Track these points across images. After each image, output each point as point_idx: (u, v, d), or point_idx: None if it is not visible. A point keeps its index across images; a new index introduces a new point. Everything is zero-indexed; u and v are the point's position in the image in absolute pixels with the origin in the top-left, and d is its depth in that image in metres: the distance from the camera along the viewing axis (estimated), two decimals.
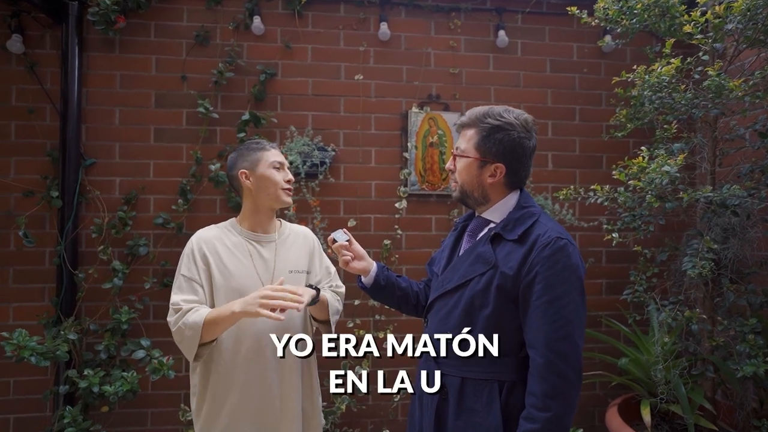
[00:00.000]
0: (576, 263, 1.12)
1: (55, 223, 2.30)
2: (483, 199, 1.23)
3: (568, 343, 1.07)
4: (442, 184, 2.54)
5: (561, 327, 1.07)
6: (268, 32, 2.47)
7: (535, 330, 1.09)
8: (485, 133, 1.18)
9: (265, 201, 1.42)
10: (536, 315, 1.09)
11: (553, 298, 1.08)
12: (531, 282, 1.10)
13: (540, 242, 1.12)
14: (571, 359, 1.07)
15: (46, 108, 2.33)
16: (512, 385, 1.13)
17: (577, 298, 1.09)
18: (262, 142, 1.46)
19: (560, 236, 1.12)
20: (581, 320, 1.10)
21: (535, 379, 1.07)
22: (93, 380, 2.05)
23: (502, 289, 1.13)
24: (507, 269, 1.13)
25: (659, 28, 2.02)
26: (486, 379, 1.14)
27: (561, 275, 1.09)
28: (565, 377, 1.06)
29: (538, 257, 1.10)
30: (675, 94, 1.74)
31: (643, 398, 2.11)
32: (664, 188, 1.70)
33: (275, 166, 1.42)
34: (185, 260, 1.40)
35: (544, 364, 1.06)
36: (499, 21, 2.59)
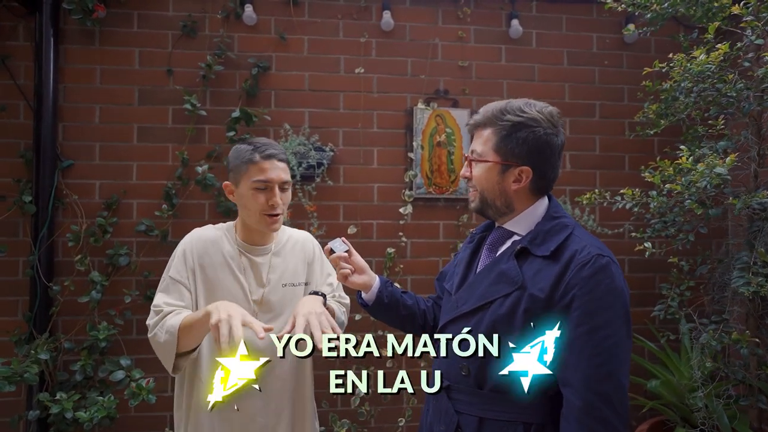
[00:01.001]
0: (620, 287, 0.94)
1: (28, 230, 2.11)
2: (506, 208, 1.05)
3: (611, 382, 0.89)
4: (451, 187, 2.33)
5: (603, 363, 0.89)
6: (261, 22, 2.27)
7: (572, 366, 0.91)
8: (505, 132, 1.01)
9: (249, 222, 1.26)
10: (573, 348, 0.91)
11: (593, 328, 0.90)
12: (566, 307, 0.92)
13: (577, 260, 0.94)
14: (616, 402, 0.89)
15: (20, 105, 2.14)
16: (540, 428, 0.96)
17: (621, 328, 0.91)
18: (255, 148, 1.21)
19: (601, 253, 0.95)
20: (626, 354, 0.93)
21: (572, 425, 0.89)
22: (66, 405, 1.85)
23: (531, 313, 0.94)
24: (537, 291, 0.95)
25: (694, 14, 1.82)
26: (509, 420, 0.96)
27: (603, 300, 0.91)
28: (608, 423, 0.88)
29: (575, 278, 0.92)
30: (720, 84, 1.52)
31: (676, 425, 1.90)
32: (708, 193, 1.48)
33: (257, 186, 1.19)
34: (176, 261, 1.24)
35: (582, 408, 0.88)
36: (512, 9, 2.38)
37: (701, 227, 1.68)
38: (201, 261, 1.23)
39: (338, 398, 2.24)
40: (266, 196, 1.20)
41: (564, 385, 0.92)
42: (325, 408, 2.20)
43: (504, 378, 0.95)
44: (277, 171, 1.21)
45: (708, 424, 1.68)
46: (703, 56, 1.53)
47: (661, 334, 2.08)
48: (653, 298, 2.19)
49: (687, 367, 1.95)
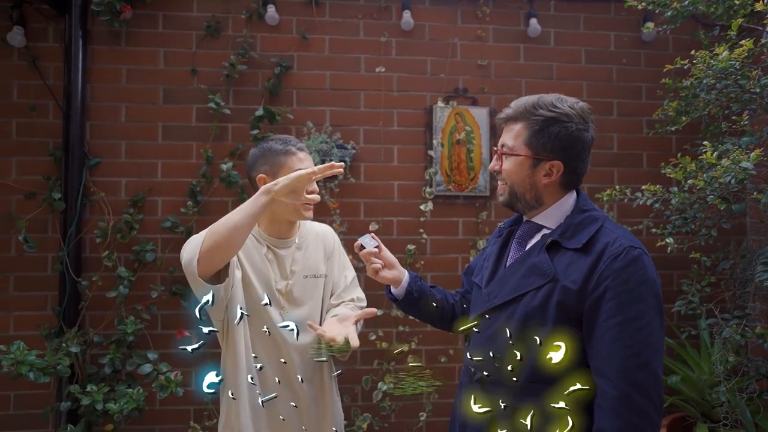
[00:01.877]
0: (653, 278, 0.96)
1: (57, 226, 2.16)
2: (536, 202, 1.07)
3: (646, 373, 0.90)
4: (470, 185, 2.36)
5: (638, 354, 0.90)
6: (283, 22, 2.31)
7: (606, 356, 0.92)
8: (537, 127, 1.03)
9: (282, 213, 1.28)
10: (607, 338, 0.92)
11: (627, 319, 0.91)
12: (599, 299, 0.94)
13: (609, 252, 0.95)
14: (652, 392, 0.90)
15: (49, 105, 2.19)
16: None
17: (655, 319, 0.93)
18: (288, 143, 1.28)
19: (633, 245, 0.96)
20: (660, 345, 0.94)
21: (608, 415, 0.90)
22: (97, 397, 1.90)
23: (564, 305, 0.96)
24: (569, 283, 0.96)
25: (714, 12, 1.83)
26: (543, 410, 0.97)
27: (636, 291, 0.93)
28: (644, 414, 0.89)
29: (608, 270, 0.94)
30: (743, 81, 1.54)
31: (697, 421, 1.91)
32: (731, 188, 1.50)
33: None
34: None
35: (618, 398, 0.90)
36: (530, 9, 2.41)
37: (724, 222, 1.69)
38: (242, 252, 1.25)
39: (359, 393, 2.27)
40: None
41: (598, 375, 0.93)
42: (347, 402, 2.23)
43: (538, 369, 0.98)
44: (310, 161, 1.29)
45: (730, 419, 1.69)
46: (726, 53, 1.55)
47: (681, 330, 2.10)
48: (672, 295, 2.20)
49: (707, 363, 1.96)
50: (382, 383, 2.18)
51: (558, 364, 0.97)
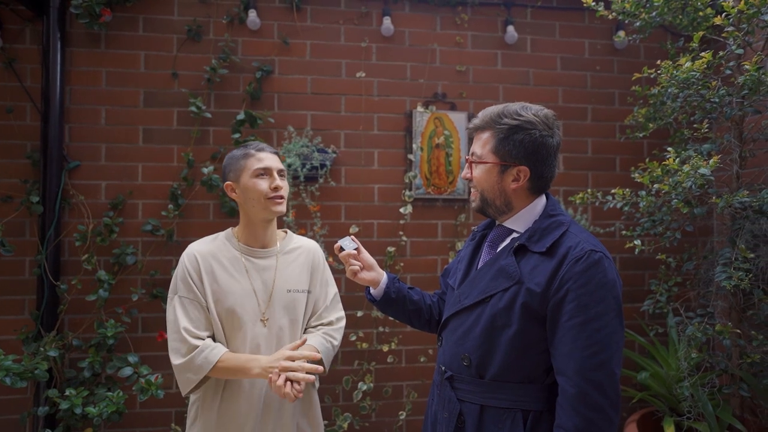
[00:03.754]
0: (613, 280, 1.00)
1: (35, 230, 2.15)
2: (506, 207, 1.11)
3: (604, 371, 0.95)
4: (449, 188, 2.41)
5: (596, 353, 0.95)
6: (265, 27, 2.33)
7: (566, 355, 0.97)
8: (503, 135, 1.07)
9: (254, 213, 1.31)
10: (567, 338, 0.97)
11: (586, 320, 0.96)
12: (561, 300, 0.98)
13: (572, 255, 1.00)
14: (608, 390, 0.95)
15: (26, 107, 2.17)
16: (538, 415, 1.02)
17: (613, 320, 0.97)
18: (248, 146, 1.32)
19: (594, 249, 1.00)
20: (619, 345, 0.98)
21: (566, 412, 0.95)
22: (75, 401, 1.89)
23: (528, 307, 1.01)
24: (533, 285, 1.01)
25: (680, 23, 1.91)
26: (508, 408, 1.02)
27: (596, 293, 0.97)
28: (600, 410, 0.94)
29: (569, 272, 0.98)
30: (704, 91, 1.61)
31: (664, 415, 1.99)
32: (693, 192, 1.57)
33: (258, 173, 1.28)
34: (180, 281, 1.28)
35: (576, 395, 0.94)
36: (507, 16, 2.47)
37: (687, 225, 1.77)
38: (204, 272, 1.27)
39: (340, 392, 2.30)
40: (268, 181, 1.28)
41: (559, 374, 0.98)
42: (327, 403, 2.26)
43: (502, 368, 1.03)
44: (272, 159, 1.32)
45: (694, 413, 1.77)
46: (688, 64, 1.62)
47: (650, 328, 2.18)
48: (643, 294, 2.29)
49: (674, 359, 2.04)
50: (362, 383, 2.22)
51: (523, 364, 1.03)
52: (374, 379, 2.30)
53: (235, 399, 1.26)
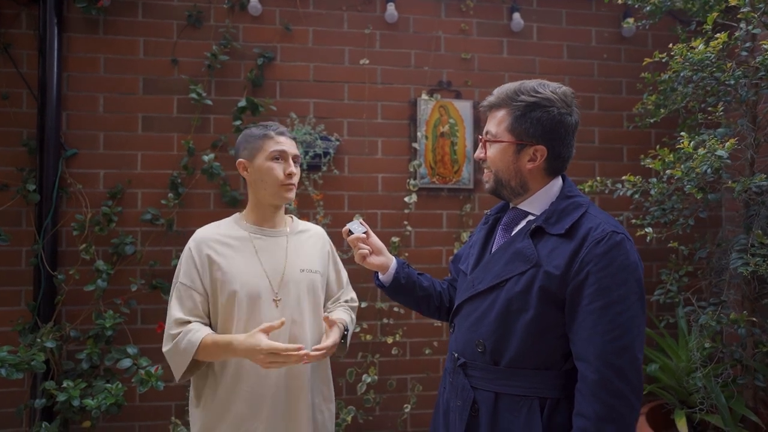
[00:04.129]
0: (635, 262, 0.96)
1: (32, 219, 2.10)
2: (521, 188, 1.07)
3: (626, 356, 0.91)
4: (454, 177, 2.37)
5: (618, 337, 0.91)
6: (266, 13, 2.28)
7: (586, 340, 0.93)
8: (519, 113, 1.03)
9: (263, 196, 1.28)
10: (588, 323, 0.93)
11: (608, 303, 0.92)
12: (581, 284, 0.94)
13: (592, 237, 0.96)
14: (630, 376, 0.91)
15: (23, 93, 2.12)
16: (555, 402, 0.98)
17: (635, 304, 0.94)
18: (268, 127, 1.29)
19: (616, 230, 0.97)
20: (641, 329, 0.95)
21: (587, 399, 0.91)
22: (73, 393, 1.84)
23: (546, 290, 0.97)
24: (552, 268, 0.97)
25: (690, 8, 1.87)
26: (525, 395, 0.99)
27: (617, 276, 0.93)
28: (622, 397, 0.90)
29: (590, 255, 0.94)
30: (718, 74, 1.57)
31: (675, 408, 1.95)
32: (708, 178, 1.53)
33: (275, 156, 1.25)
34: (184, 266, 1.25)
35: (597, 381, 0.90)
36: (513, 3, 2.42)
37: (701, 212, 1.73)
38: (209, 256, 1.24)
39: (344, 385, 2.26)
40: (283, 166, 1.25)
41: (579, 359, 0.94)
42: None
43: (518, 354, 0.99)
44: (290, 144, 1.28)
45: (706, 404, 1.73)
46: (702, 46, 1.58)
47: (660, 318, 2.14)
48: (652, 285, 2.25)
49: (684, 351, 2.00)
50: (366, 376, 2.17)
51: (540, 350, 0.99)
52: (378, 372, 2.26)
53: (246, 380, 1.23)
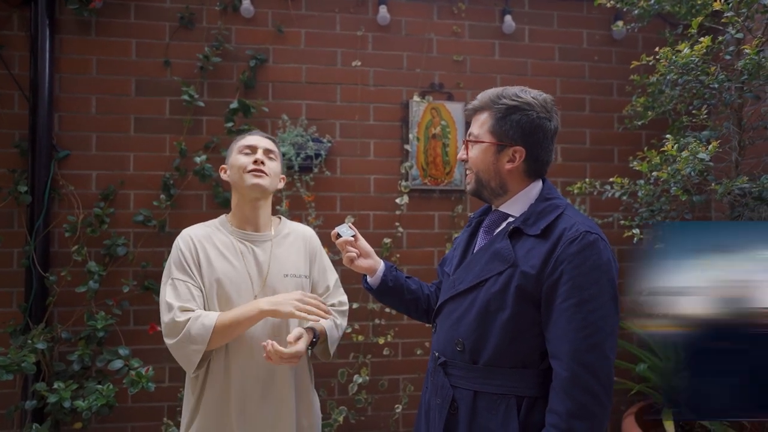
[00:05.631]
0: (608, 261, 0.98)
1: (23, 220, 2.10)
2: (501, 189, 1.10)
3: (597, 354, 0.93)
4: (446, 179, 2.38)
5: (589, 335, 0.93)
6: (259, 15, 2.29)
7: (560, 338, 0.95)
8: (500, 115, 1.06)
9: (240, 190, 1.30)
10: (561, 321, 0.95)
11: (580, 301, 0.94)
12: (556, 282, 0.96)
13: (566, 237, 0.98)
14: (601, 373, 0.93)
15: (14, 95, 2.13)
16: (532, 401, 1.00)
17: (608, 302, 0.96)
18: (246, 132, 1.37)
19: (590, 230, 0.99)
20: (613, 328, 0.97)
21: (559, 396, 0.94)
22: (64, 394, 1.85)
23: (523, 290, 0.99)
24: (528, 267, 0.99)
25: (678, 11, 1.89)
26: (502, 394, 1.00)
27: (590, 275, 0.95)
28: (593, 394, 0.92)
29: (564, 254, 0.97)
30: (702, 77, 1.59)
31: (663, 407, 1.97)
32: (692, 180, 1.55)
33: (244, 151, 1.30)
34: (175, 262, 1.25)
35: (569, 378, 0.93)
36: (505, 5, 2.44)
37: (686, 213, 1.75)
38: (198, 254, 1.25)
39: (336, 386, 2.27)
40: (250, 157, 1.29)
41: (553, 358, 0.96)
42: (323, 396, 2.23)
43: (496, 353, 1.00)
44: (259, 139, 1.33)
45: None
46: (687, 49, 1.60)
47: None
48: None
49: (673, 351, 2.02)
50: (357, 376, 2.19)
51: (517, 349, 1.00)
52: (370, 372, 2.27)
53: (234, 381, 1.23)
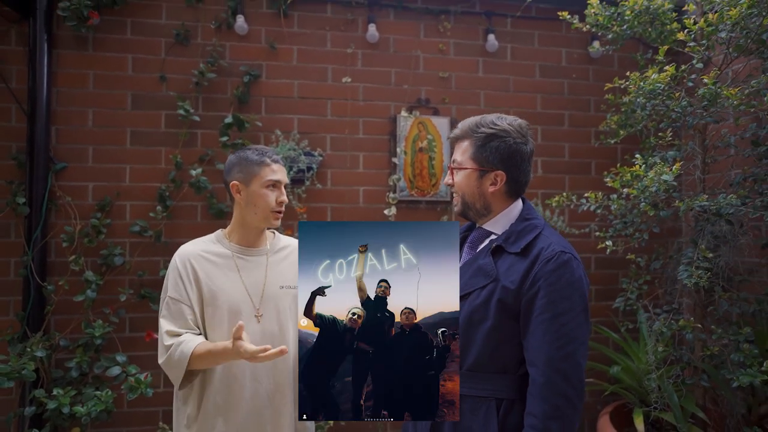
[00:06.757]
0: (579, 278, 1.09)
1: (21, 231, 2.15)
2: (485, 210, 1.20)
3: (569, 362, 1.04)
4: (432, 190, 2.49)
5: (563, 345, 1.04)
6: (252, 32, 2.37)
7: (536, 348, 1.05)
8: (480, 143, 1.16)
9: (252, 219, 1.35)
10: (538, 332, 1.06)
11: (555, 315, 1.05)
12: (533, 297, 1.07)
13: (543, 256, 1.08)
14: (573, 379, 1.03)
15: (11, 108, 2.18)
16: (511, 403, 1.10)
17: (580, 315, 1.06)
18: (264, 154, 1.34)
19: (564, 250, 1.09)
20: (584, 338, 1.07)
21: (536, 399, 1.04)
22: (63, 400, 1.91)
23: (503, 303, 1.09)
24: (508, 283, 1.09)
25: (649, 36, 2.03)
26: (484, 397, 1.10)
27: (564, 291, 1.06)
28: (566, 397, 1.03)
29: (541, 271, 1.07)
30: (668, 101, 1.73)
31: (634, 406, 2.10)
32: (659, 196, 1.68)
33: (269, 185, 1.32)
34: (171, 280, 1.31)
35: (544, 384, 1.03)
36: (488, 25, 2.56)
37: (654, 227, 1.88)
38: (195, 271, 1.30)
39: None
40: (276, 194, 1.33)
41: (530, 365, 1.07)
42: None
43: (478, 359, 1.10)
44: (283, 173, 1.36)
45: (660, 403, 1.88)
46: (654, 75, 1.73)
47: (622, 324, 2.29)
48: (615, 292, 2.41)
49: (644, 354, 2.15)
50: None
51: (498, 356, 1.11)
52: None
53: (230, 393, 1.29)
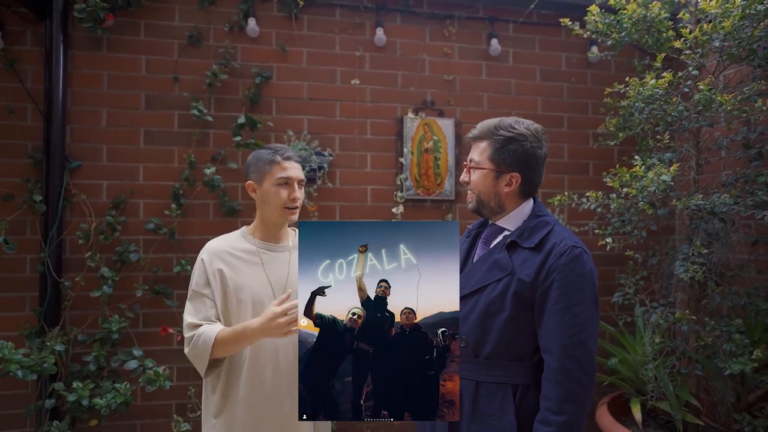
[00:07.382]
0: (590, 271, 1.16)
1: (37, 228, 2.19)
2: (498, 208, 1.27)
3: (582, 349, 1.11)
4: (437, 189, 2.57)
5: (576, 333, 1.11)
6: (263, 34, 2.43)
7: (551, 336, 1.13)
8: (499, 145, 1.22)
9: (269, 216, 1.40)
10: (552, 321, 1.13)
11: (568, 305, 1.12)
12: (548, 289, 1.14)
13: (557, 250, 1.16)
14: (585, 365, 1.11)
15: (28, 108, 2.22)
16: (526, 388, 1.17)
17: (591, 306, 1.14)
18: (276, 151, 1.38)
19: (576, 245, 1.17)
20: (594, 327, 1.15)
21: (551, 384, 1.11)
22: (82, 393, 1.96)
23: (519, 295, 1.16)
24: (524, 276, 1.16)
25: (646, 42, 2.13)
26: (500, 383, 1.18)
27: (576, 283, 1.13)
28: (579, 382, 1.10)
29: (555, 264, 1.14)
30: (666, 106, 1.82)
31: (631, 396, 2.20)
32: (656, 196, 1.78)
33: (280, 182, 1.36)
34: (195, 274, 1.38)
35: (559, 369, 1.10)
36: (491, 30, 2.65)
37: (652, 225, 1.98)
38: (220, 266, 1.35)
39: None
40: (288, 191, 1.37)
41: (545, 352, 1.14)
42: None
43: (495, 348, 1.18)
44: (296, 170, 1.39)
45: (656, 393, 1.98)
46: (652, 81, 1.83)
47: (619, 317, 2.40)
48: (613, 288, 2.51)
49: (640, 346, 2.26)
50: None
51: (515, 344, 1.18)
52: None
53: (252, 387, 1.34)
